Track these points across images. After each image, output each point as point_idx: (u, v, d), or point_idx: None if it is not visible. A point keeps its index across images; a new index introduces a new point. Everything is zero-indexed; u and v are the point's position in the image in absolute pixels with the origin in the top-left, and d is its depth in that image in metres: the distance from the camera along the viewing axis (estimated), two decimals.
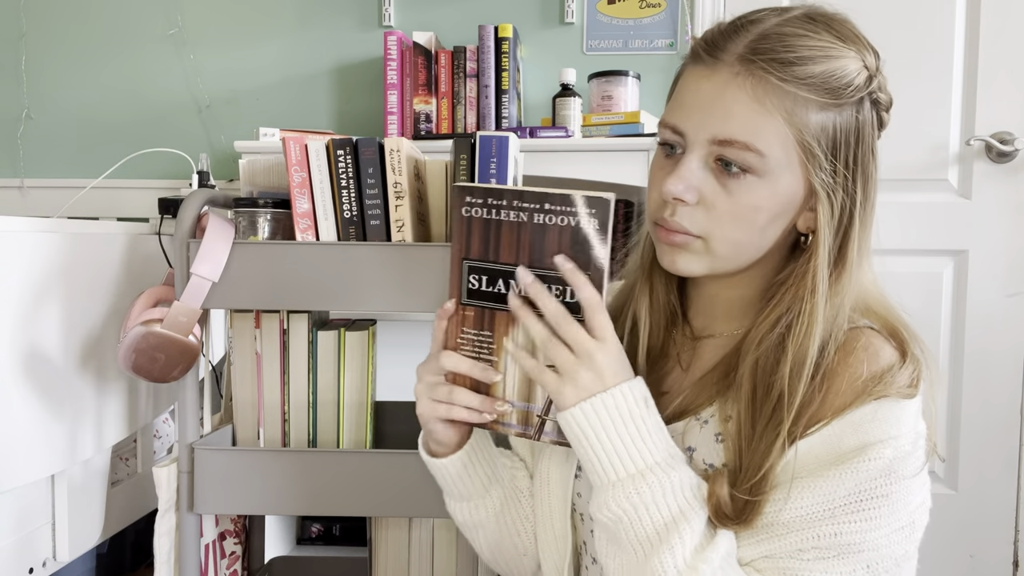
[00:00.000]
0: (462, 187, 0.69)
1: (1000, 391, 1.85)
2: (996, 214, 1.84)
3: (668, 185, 0.69)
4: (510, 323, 0.71)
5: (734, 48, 0.68)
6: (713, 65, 0.69)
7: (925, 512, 0.69)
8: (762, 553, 0.68)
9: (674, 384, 0.79)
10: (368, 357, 1.13)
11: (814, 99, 0.67)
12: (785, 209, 0.70)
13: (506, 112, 1.85)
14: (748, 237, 0.70)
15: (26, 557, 1.17)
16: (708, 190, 0.69)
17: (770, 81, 0.66)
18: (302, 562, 1.41)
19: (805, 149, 0.68)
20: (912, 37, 1.85)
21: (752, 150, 0.67)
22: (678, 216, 0.70)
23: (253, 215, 1.09)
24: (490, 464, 0.82)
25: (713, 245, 0.71)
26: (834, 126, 0.68)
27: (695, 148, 0.69)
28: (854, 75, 0.68)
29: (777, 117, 0.66)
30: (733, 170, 0.68)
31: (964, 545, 1.88)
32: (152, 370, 1.06)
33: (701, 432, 0.73)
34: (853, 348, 0.69)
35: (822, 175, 0.68)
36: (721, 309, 0.78)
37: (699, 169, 0.69)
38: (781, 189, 0.69)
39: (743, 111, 0.67)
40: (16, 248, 1.07)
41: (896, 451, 0.65)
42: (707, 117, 0.68)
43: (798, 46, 0.67)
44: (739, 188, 0.68)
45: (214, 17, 2.11)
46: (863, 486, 0.65)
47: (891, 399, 0.67)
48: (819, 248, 0.69)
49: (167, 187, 2.02)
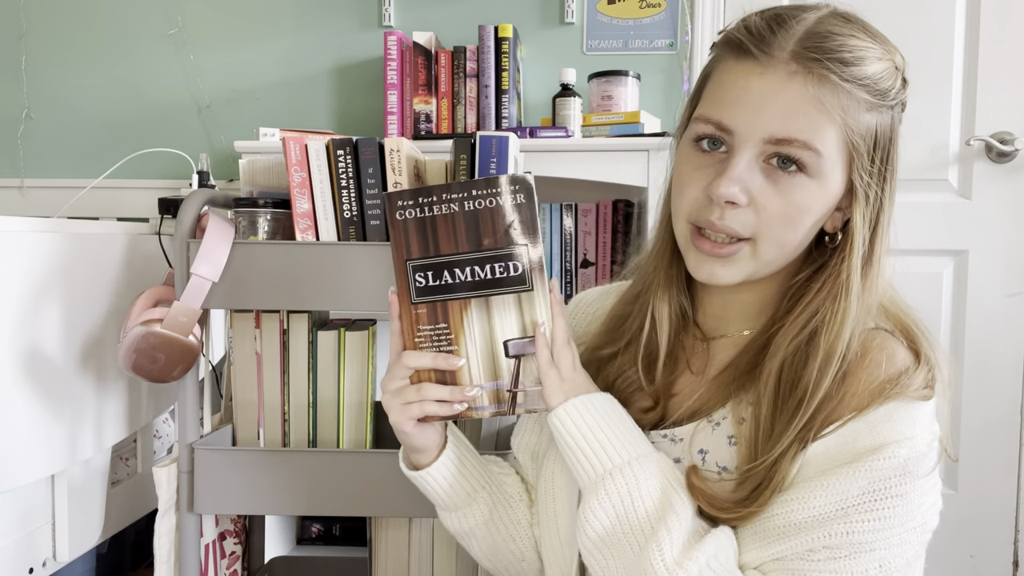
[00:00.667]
0: (390, 194, 0.72)
1: (1000, 391, 1.85)
2: (996, 214, 1.84)
3: (722, 188, 0.67)
4: (463, 309, 0.73)
5: (785, 44, 0.66)
6: (765, 62, 0.67)
7: (935, 514, 0.69)
8: (772, 555, 0.67)
9: (685, 386, 0.79)
10: (368, 357, 1.13)
11: (866, 99, 0.67)
12: (828, 210, 0.70)
13: (506, 112, 1.85)
14: (794, 238, 0.70)
15: (26, 557, 1.17)
16: (759, 190, 0.68)
17: (831, 80, 0.66)
18: (302, 562, 1.41)
19: (854, 149, 0.68)
20: (912, 37, 1.85)
21: (811, 149, 0.66)
22: (727, 220, 0.68)
23: (253, 215, 1.09)
24: (474, 472, 0.82)
25: (760, 248, 0.69)
26: (878, 126, 0.69)
27: (746, 147, 0.67)
28: (895, 77, 0.69)
29: (836, 117, 0.66)
30: (790, 168, 0.67)
31: (964, 545, 1.88)
32: (152, 370, 1.06)
33: (713, 434, 0.73)
34: (869, 350, 0.69)
35: (863, 175, 0.69)
36: (735, 310, 0.78)
37: (750, 169, 0.68)
38: (829, 189, 0.69)
39: (805, 110, 0.66)
40: (16, 248, 1.07)
41: (911, 451, 0.65)
42: (761, 115, 0.66)
43: (852, 46, 0.67)
44: (791, 188, 0.68)
45: (214, 17, 2.11)
46: (877, 485, 0.64)
47: (907, 400, 0.67)
48: (855, 247, 0.70)
49: (167, 187, 2.02)
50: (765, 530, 0.67)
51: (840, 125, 0.67)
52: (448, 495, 0.81)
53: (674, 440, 0.75)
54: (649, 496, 0.68)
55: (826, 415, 0.67)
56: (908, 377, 0.67)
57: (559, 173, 1.69)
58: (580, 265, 1.86)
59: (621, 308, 0.85)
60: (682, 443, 0.74)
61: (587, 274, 1.86)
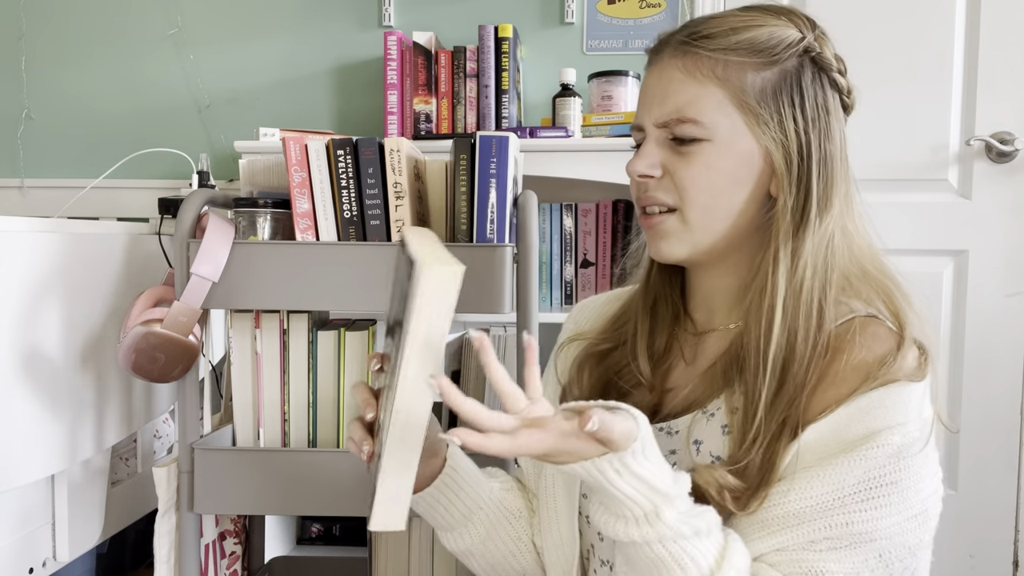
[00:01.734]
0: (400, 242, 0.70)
1: (1000, 391, 1.85)
2: (996, 214, 1.84)
3: (631, 166, 0.75)
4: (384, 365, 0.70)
5: (672, 40, 0.75)
6: (656, 60, 0.76)
7: (938, 501, 0.69)
8: (774, 546, 0.67)
9: (679, 380, 0.80)
10: (368, 357, 1.13)
11: (747, 61, 0.71)
12: (743, 171, 0.72)
13: (506, 112, 1.85)
14: (714, 200, 0.73)
15: (26, 557, 1.17)
16: (668, 162, 0.74)
17: (700, 55, 0.72)
18: (302, 562, 1.41)
19: (747, 109, 0.71)
20: (912, 37, 1.85)
21: (688, 120, 0.71)
22: (651, 191, 0.75)
23: (253, 215, 1.09)
24: (471, 493, 0.82)
25: (687, 215, 0.73)
26: (774, 84, 0.72)
27: (650, 135, 0.75)
28: (781, 36, 0.72)
29: (709, 84, 0.71)
30: (684, 142, 0.73)
31: (964, 545, 1.88)
32: (152, 370, 1.06)
33: (708, 425, 0.73)
34: (854, 334, 0.69)
35: (770, 132, 0.72)
36: (719, 301, 0.79)
37: (657, 148, 0.74)
38: (736, 151, 0.72)
39: (678, 87, 0.72)
40: (16, 248, 1.07)
41: (904, 437, 0.65)
42: (651, 105, 0.74)
43: (723, 22, 0.73)
44: (694, 155, 0.72)
45: (214, 17, 2.11)
46: (872, 473, 0.64)
47: (898, 384, 0.66)
48: (784, 206, 0.72)
49: (167, 187, 2.02)
50: (764, 520, 0.67)
51: (720, 87, 0.71)
52: (443, 517, 0.82)
53: (670, 433, 0.76)
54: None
55: (815, 401, 0.67)
56: (896, 359, 0.67)
57: (559, 173, 1.69)
58: (580, 265, 1.86)
59: (621, 308, 0.87)
60: (678, 435, 0.75)
61: (587, 274, 1.86)
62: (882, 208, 0.74)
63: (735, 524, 0.69)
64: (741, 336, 0.74)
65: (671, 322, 0.82)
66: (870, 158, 1.78)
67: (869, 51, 1.84)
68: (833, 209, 0.72)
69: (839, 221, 0.73)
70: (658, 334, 0.81)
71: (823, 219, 0.72)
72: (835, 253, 0.72)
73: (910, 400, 0.67)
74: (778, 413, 0.68)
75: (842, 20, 0.86)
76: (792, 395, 0.68)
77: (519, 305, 1.10)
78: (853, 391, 0.67)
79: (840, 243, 0.73)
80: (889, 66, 1.85)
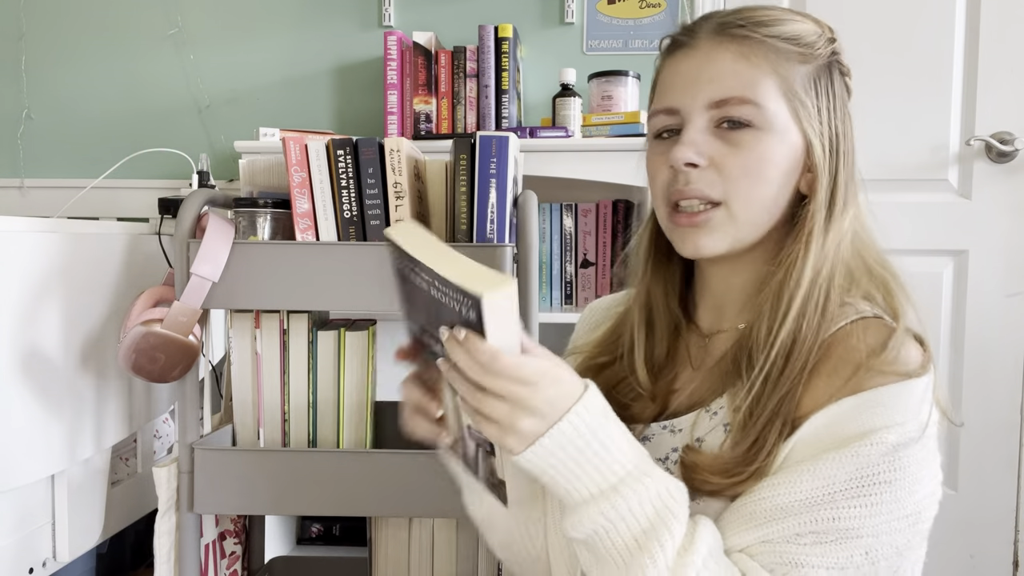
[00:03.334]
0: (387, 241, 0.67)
1: (1000, 391, 1.85)
2: (996, 214, 1.84)
3: (675, 153, 0.70)
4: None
5: (707, 27, 0.73)
6: (692, 44, 0.73)
7: (934, 503, 0.68)
8: (759, 538, 0.66)
9: (685, 381, 0.80)
10: (368, 357, 1.13)
11: (794, 51, 0.71)
12: (792, 165, 0.72)
13: (506, 112, 1.85)
14: (763, 191, 0.71)
15: (26, 557, 1.17)
16: (716, 152, 0.71)
17: (752, 38, 0.71)
18: (302, 562, 1.41)
19: (795, 99, 0.71)
20: (912, 37, 1.85)
21: (749, 102, 0.70)
22: (693, 183, 0.71)
23: (253, 215, 1.09)
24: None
25: (734, 208, 0.71)
26: (815, 79, 0.72)
27: (694, 118, 0.71)
28: (817, 35, 0.73)
29: (765, 68, 0.70)
30: (737, 126, 0.70)
31: (964, 545, 1.88)
32: (152, 370, 1.06)
33: (710, 422, 0.73)
34: (854, 331, 0.69)
35: (814, 123, 0.72)
36: (732, 299, 0.78)
37: (702, 134, 0.71)
38: (786, 142, 0.71)
39: (733, 68, 0.70)
40: (16, 248, 1.07)
41: (900, 437, 0.64)
42: (697, 86, 0.71)
43: (766, 12, 0.73)
44: (745, 142, 0.70)
45: (214, 17, 2.11)
46: (865, 471, 0.64)
47: (897, 383, 0.66)
48: (819, 198, 0.71)
49: (167, 187, 2.02)
50: (752, 513, 0.66)
51: (772, 75, 0.70)
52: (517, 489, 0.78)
53: (674, 431, 0.76)
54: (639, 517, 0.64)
55: (813, 396, 0.67)
56: (888, 348, 0.67)
57: (559, 173, 1.69)
58: (580, 265, 1.86)
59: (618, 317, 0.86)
60: (681, 433, 0.75)
61: (587, 274, 1.86)
62: (882, 208, 0.74)
63: (723, 517, 0.68)
64: (749, 333, 0.73)
65: (670, 331, 0.81)
66: (870, 158, 1.77)
67: (869, 51, 1.84)
68: (853, 204, 0.74)
69: (858, 215, 0.74)
70: (657, 343, 0.80)
71: (846, 213, 0.73)
72: (850, 246, 0.73)
73: (910, 399, 0.66)
74: (774, 401, 0.68)
75: (842, 20, 0.86)
76: (791, 383, 0.68)
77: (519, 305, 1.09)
78: (846, 382, 0.66)
79: (855, 237, 0.74)
80: (889, 66, 1.85)
